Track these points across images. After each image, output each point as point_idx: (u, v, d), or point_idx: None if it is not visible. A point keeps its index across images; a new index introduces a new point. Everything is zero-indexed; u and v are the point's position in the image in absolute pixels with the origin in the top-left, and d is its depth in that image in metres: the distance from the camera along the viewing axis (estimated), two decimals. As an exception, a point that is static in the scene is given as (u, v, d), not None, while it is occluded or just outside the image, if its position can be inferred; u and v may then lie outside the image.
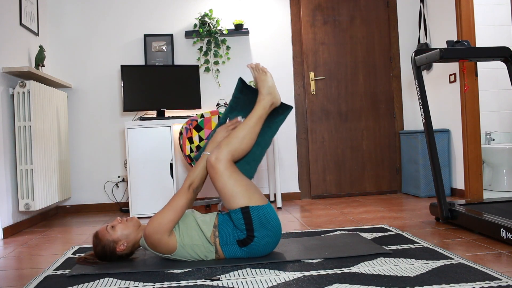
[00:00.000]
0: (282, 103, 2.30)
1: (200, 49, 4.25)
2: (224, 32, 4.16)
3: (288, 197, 4.36)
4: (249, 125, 2.12)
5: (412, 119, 4.53)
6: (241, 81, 2.28)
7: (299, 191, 4.38)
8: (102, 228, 2.14)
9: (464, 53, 2.64)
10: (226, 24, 4.29)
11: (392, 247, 2.27)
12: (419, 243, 2.32)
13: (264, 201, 2.09)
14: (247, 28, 4.23)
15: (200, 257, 2.12)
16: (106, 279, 1.95)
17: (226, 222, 2.10)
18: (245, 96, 2.31)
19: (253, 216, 2.03)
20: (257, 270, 1.98)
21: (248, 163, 2.21)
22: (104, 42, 4.25)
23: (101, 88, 4.24)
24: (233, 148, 2.08)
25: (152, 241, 2.04)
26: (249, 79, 4.32)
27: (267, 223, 2.05)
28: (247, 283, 1.81)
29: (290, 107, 2.29)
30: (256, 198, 2.07)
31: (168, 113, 4.19)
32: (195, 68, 4.03)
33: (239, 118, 2.28)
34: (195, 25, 4.23)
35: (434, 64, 4.24)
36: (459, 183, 3.94)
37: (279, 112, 2.30)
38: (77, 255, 2.42)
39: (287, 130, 4.38)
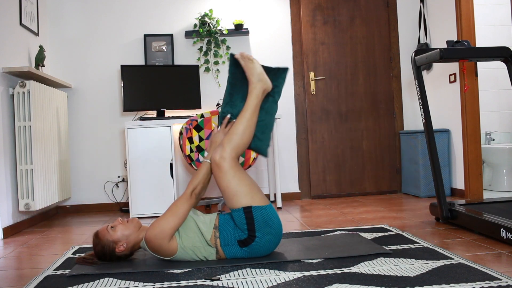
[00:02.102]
0: (276, 68, 2.27)
1: (200, 49, 4.25)
2: (224, 32, 4.17)
3: (288, 197, 4.36)
4: (246, 117, 2.13)
5: (412, 119, 4.53)
6: (232, 56, 2.26)
7: (299, 191, 4.38)
8: (103, 228, 2.14)
9: (464, 53, 2.64)
10: (226, 24, 4.29)
11: (392, 247, 2.27)
12: (419, 243, 2.32)
13: (266, 202, 2.09)
14: (247, 28, 4.23)
15: (200, 259, 2.12)
16: (106, 279, 1.95)
17: (227, 223, 2.10)
18: (241, 70, 2.28)
19: (255, 216, 2.03)
20: (257, 270, 1.98)
21: (262, 132, 2.23)
22: (104, 42, 4.25)
23: (101, 88, 4.24)
24: (235, 144, 2.09)
25: (154, 246, 2.04)
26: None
27: (269, 224, 2.06)
28: (247, 283, 1.81)
29: (285, 68, 2.28)
30: (258, 198, 2.07)
31: (168, 113, 4.19)
32: (195, 68, 4.03)
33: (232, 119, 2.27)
34: (195, 25, 4.23)
35: (434, 64, 4.24)
36: (459, 183, 3.94)
37: (277, 76, 2.28)
38: (77, 255, 2.42)
39: (287, 130, 4.38)
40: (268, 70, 2.27)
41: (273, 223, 2.07)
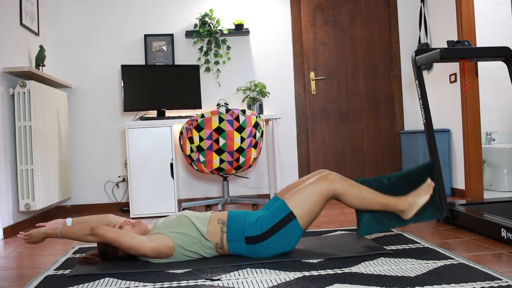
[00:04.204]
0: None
1: (201, 49, 4.25)
2: (224, 32, 4.16)
3: (288, 197, 4.35)
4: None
5: (412, 119, 4.53)
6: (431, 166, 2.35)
7: (300, 191, 4.37)
8: (110, 226, 2.14)
9: (465, 53, 2.64)
10: (226, 24, 4.29)
11: (393, 247, 2.27)
12: (420, 243, 2.32)
13: (305, 229, 2.13)
14: (247, 28, 4.23)
15: (200, 254, 2.13)
16: (107, 279, 1.95)
17: (237, 219, 2.12)
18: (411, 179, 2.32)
19: (289, 225, 2.07)
20: (258, 270, 1.98)
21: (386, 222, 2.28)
22: (105, 42, 4.25)
23: (102, 88, 4.24)
24: (349, 184, 2.12)
25: (151, 254, 2.06)
26: (246, 79, 4.32)
27: (287, 242, 2.09)
28: (247, 283, 1.81)
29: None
30: (307, 222, 2.10)
31: (168, 113, 4.19)
32: (196, 68, 4.03)
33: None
34: (196, 25, 4.23)
35: (435, 64, 4.24)
36: (459, 183, 3.93)
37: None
38: (77, 255, 2.42)
39: (288, 130, 4.38)
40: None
41: (289, 244, 2.11)
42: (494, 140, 4.73)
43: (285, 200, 2.10)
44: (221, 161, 3.37)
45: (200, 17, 4.16)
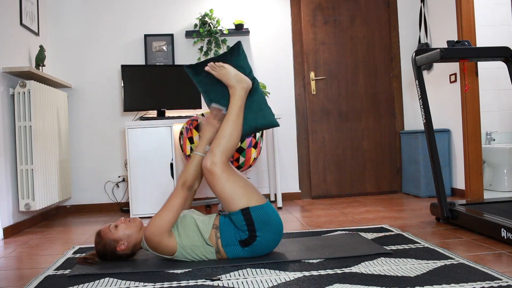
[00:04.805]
0: (229, 50, 2.26)
1: (201, 49, 4.25)
2: (224, 32, 4.16)
3: (288, 197, 4.35)
4: (232, 120, 2.13)
5: (412, 119, 4.53)
6: (187, 67, 2.27)
7: (300, 191, 4.38)
8: (105, 227, 2.15)
9: (465, 53, 2.64)
10: (226, 24, 4.29)
11: (393, 247, 2.27)
12: (420, 243, 2.32)
13: (263, 200, 2.09)
14: (247, 28, 4.23)
15: (200, 258, 2.12)
16: (107, 279, 1.95)
17: (227, 223, 2.10)
18: (203, 75, 2.27)
19: (254, 216, 2.03)
20: (258, 270, 1.98)
21: (260, 109, 2.23)
22: (105, 42, 4.25)
23: (102, 88, 4.24)
24: (224, 148, 2.09)
25: (153, 243, 2.05)
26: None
27: (269, 222, 2.06)
28: (247, 283, 1.81)
29: (236, 43, 2.27)
30: (255, 198, 2.07)
31: (168, 113, 4.19)
32: (196, 68, 4.03)
33: (223, 111, 2.25)
34: (196, 25, 4.23)
35: (435, 64, 4.24)
36: (459, 183, 3.93)
37: (235, 55, 2.26)
38: (77, 255, 2.42)
39: (288, 130, 4.38)
40: (224, 57, 2.25)
41: (273, 221, 2.08)
42: (494, 140, 4.73)
43: (228, 211, 2.08)
44: (221, 161, 3.37)
45: (200, 17, 4.16)
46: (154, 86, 3.94)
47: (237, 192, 2.05)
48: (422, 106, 2.76)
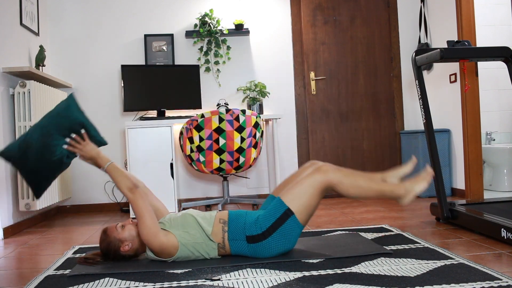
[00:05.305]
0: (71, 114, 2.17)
1: (201, 49, 4.25)
2: (224, 32, 4.16)
3: (288, 197, 4.35)
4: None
5: (412, 119, 4.53)
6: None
7: (300, 191, 4.37)
8: (112, 226, 2.15)
9: (465, 53, 2.64)
10: (226, 24, 4.29)
11: (393, 247, 2.27)
12: (420, 243, 2.32)
13: (304, 224, 2.12)
14: (247, 28, 4.23)
15: (202, 255, 2.13)
16: (107, 279, 1.95)
17: (238, 218, 2.12)
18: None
19: (288, 221, 2.06)
20: (258, 270, 1.98)
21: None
22: (105, 42, 4.25)
23: (102, 88, 4.24)
24: (342, 174, 2.09)
25: (156, 248, 2.05)
26: (246, 79, 4.32)
27: (288, 238, 2.08)
28: (247, 283, 1.81)
29: (69, 96, 2.22)
30: (305, 217, 2.09)
31: (168, 113, 4.19)
32: (196, 68, 4.03)
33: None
34: (196, 25, 4.23)
35: (435, 64, 4.24)
36: (459, 183, 3.93)
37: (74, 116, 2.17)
38: (77, 255, 2.42)
39: (288, 130, 4.38)
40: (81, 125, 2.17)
41: (290, 241, 2.10)
42: (494, 140, 4.73)
43: (281, 198, 2.09)
44: (221, 161, 3.37)
45: (200, 17, 4.16)
46: (154, 86, 3.94)
47: (306, 199, 2.06)
48: (422, 106, 2.76)
